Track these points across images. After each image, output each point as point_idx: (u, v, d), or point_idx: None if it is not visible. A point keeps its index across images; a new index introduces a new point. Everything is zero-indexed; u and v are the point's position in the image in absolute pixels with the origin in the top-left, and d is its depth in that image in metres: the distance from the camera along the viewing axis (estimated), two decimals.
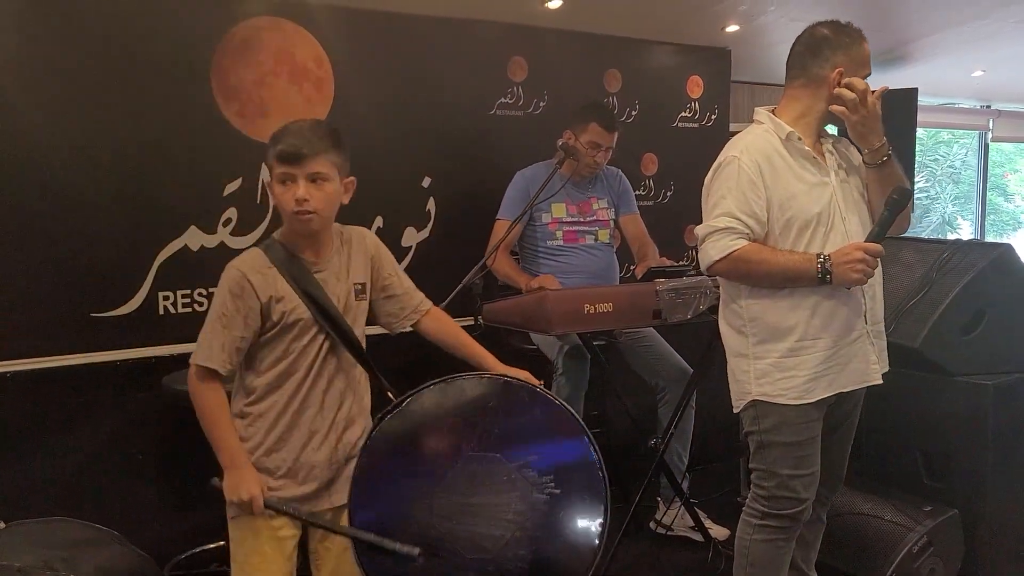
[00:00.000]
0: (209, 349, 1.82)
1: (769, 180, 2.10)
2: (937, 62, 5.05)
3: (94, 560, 2.19)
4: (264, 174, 3.01)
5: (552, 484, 1.80)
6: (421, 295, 2.13)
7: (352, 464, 1.89)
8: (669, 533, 3.20)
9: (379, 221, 3.39)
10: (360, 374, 2.00)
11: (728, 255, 2.07)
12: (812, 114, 2.18)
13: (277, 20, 3.11)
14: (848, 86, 2.09)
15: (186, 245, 2.97)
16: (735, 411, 2.30)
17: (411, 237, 3.49)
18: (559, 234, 3.30)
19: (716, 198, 2.13)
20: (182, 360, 2.84)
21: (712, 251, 2.10)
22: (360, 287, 1.99)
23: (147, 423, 2.92)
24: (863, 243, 2.05)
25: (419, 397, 1.85)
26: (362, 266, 2.01)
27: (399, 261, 3.44)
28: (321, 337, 1.90)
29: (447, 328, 2.13)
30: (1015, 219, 10.32)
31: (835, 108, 2.12)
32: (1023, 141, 8.43)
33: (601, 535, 1.81)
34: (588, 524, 1.81)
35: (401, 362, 2.22)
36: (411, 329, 2.11)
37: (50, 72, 2.74)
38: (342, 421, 1.95)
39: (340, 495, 1.92)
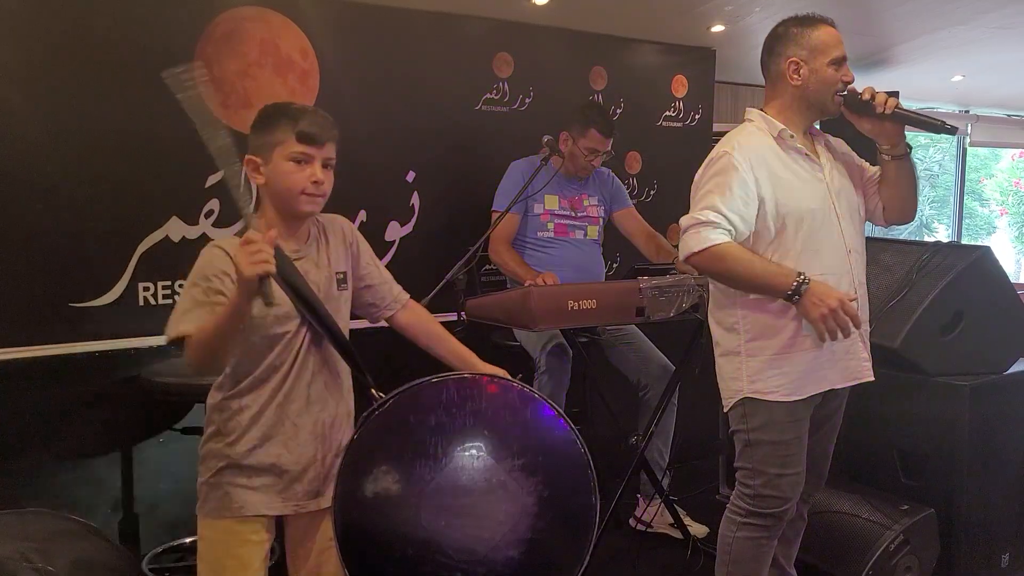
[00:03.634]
0: (193, 319, 1.68)
1: (761, 177, 2.09)
2: (918, 67, 5.10)
3: (70, 552, 2.16)
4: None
5: (542, 485, 1.78)
6: (399, 287, 2.08)
7: (339, 462, 1.83)
8: (648, 530, 3.22)
9: (363, 215, 3.38)
10: (343, 369, 1.93)
11: (707, 249, 2.05)
12: (787, 111, 2.18)
13: (262, 10, 3.09)
14: (850, 97, 2.11)
15: (167, 236, 2.95)
16: (725, 410, 2.30)
17: (395, 231, 3.48)
18: (550, 226, 3.31)
19: (704, 191, 2.11)
20: (162, 351, 2.85)
21: (691, 242, 2.08)
22: (342, 276, 1.93)
23: (126, 415, 2.89)
24: (845, 299, 2.00)
25: (406, 396, 1.79)
26: (342, 255, 1.94)
27: (382, 255, 3.43)
28: (304, 329, 1.83)
29: (425, 323, 2.07)
30: (990, 223, 10.46)
31: (849, 116, 2.14)
32: (1000, 146, 8.55)
33: (592, 535, 1.79)
34: (578, 524, 1.79)
35: (381, 359, 2.15)
36: (386, 324, 2.06)
37: (30, 61, 2.70)
38: (327, 418, 1.88)
39: (329, 495, 1.85)
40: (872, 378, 2.24)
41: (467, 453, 1.77)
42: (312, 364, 1.86)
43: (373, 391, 1.88)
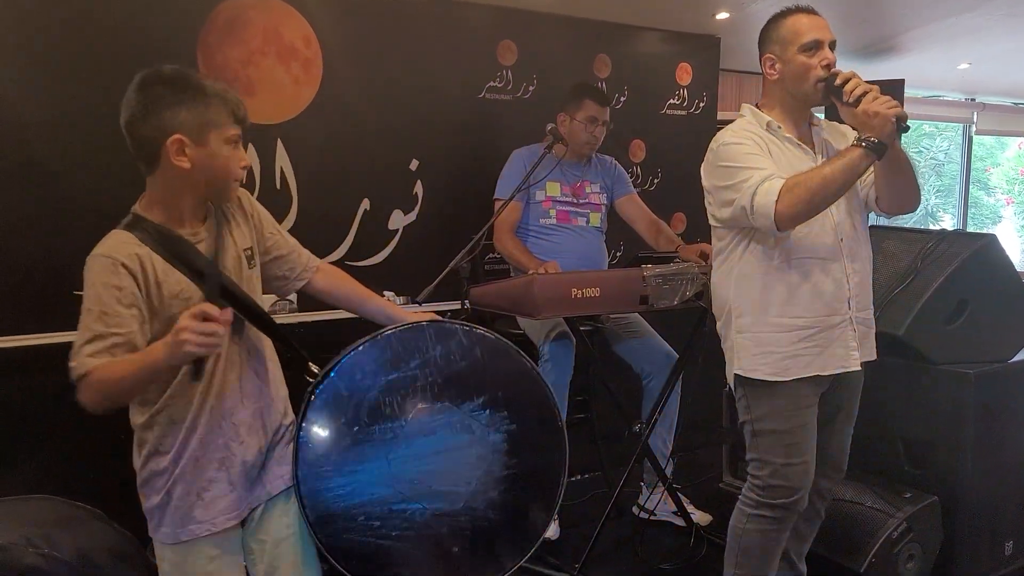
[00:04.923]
0: (92, 356, 1.55)
1: (762, 147, 2.12)
2: (924, 54, 5.07)
3: (75, 538, 2.18)
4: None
5: (507, 419, 1.78)
6: (308, 252, 1.92)
7: (280, 445, 1.77)
8: (652, 518, 3.22)
9: (366, 203, 3.37)
10: (269, 353, 1.81)
11: (779, 195, 1.99)
12: (776, 105, 2.21)
13: None
14: (828, 81, 2.09)
15: None
16: (736, 400, 2.30)
17: (398, 220, 3.48)
18: (553, 213, 3.30)
19: (727, 172, 2.10)
20: None
21: (765, 200, 2.00)
22: (249, 253, 1.76)
23: None
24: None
25: (349, 360, 1.71)
26: (246, 230, 1.77)
27: (385, 244, 3.44)
28: None
29: (345, 283, 1.94)
30: (995, 213, 10.41)
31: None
32: (1006, 135, 8.50)
33: (564, 455, 1.81)
34: (550, 446, 1.80)
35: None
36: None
37: (32, 49, 2.70)
38: (263, 406, 1.77)
39: (276, 482, 1.77)
40: (858, 368, 2.22)
41: (425, 405, 1.74)
42: (238, 355, 1.73)
43: (311, 365, 1.79)
